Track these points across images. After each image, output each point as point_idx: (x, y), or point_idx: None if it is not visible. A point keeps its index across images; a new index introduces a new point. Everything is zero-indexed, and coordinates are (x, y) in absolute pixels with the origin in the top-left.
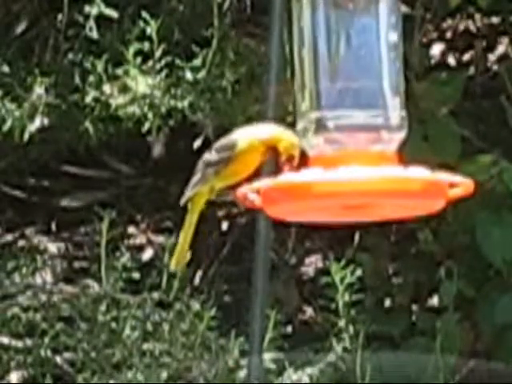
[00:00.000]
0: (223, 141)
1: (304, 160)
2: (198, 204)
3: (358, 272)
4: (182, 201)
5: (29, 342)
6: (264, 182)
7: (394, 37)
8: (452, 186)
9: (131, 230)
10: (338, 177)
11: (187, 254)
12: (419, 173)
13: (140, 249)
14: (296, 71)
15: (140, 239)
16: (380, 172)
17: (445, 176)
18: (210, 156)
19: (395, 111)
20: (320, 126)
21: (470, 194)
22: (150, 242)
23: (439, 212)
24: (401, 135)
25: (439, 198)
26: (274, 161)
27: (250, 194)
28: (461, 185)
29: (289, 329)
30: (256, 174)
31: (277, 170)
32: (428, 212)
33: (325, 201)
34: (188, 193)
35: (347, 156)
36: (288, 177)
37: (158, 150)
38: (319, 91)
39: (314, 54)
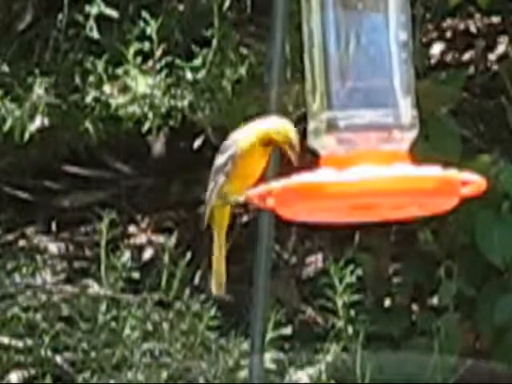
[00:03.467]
0: (225, 143)
1: (316, 160)
2: (222, 223)
3: (358, 272)
4: (205, 219)
5: (29, 341)
6: (276, 183)
7: (404, 36)
8: (464, 184)
9: (131, 229)
10: (350, 177)
11: (224, 276)
12: (431, 171)
13: (140, 249)
14: (306, 72)
15: (140, 239)
16: (392, 171)
17: (457, 174)
18: (217, 162)
19: (406, 110)
20: (331, 126)
21: (481, 192)
22: (150, 242)
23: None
24: (412, 134)
25: (452, 196)
26: (276, 162)
27: (262, 194)
28: (473, 183)
29: (289, 329)
30: (265, 174)
31: (285, 161)
32: (441, 211)
33: (337, 201)
34: (207, 207)
35: (359, 156)
36: (300, 177)
37: (157, 149)
38: (330, 91)
39: (324, 55)
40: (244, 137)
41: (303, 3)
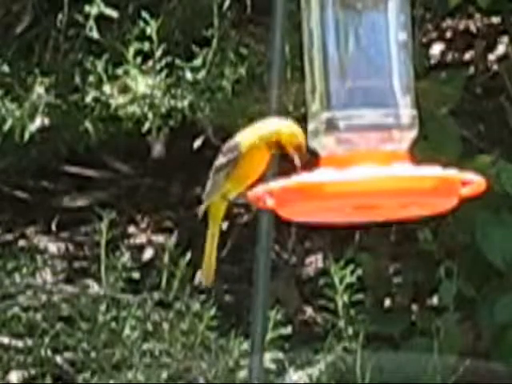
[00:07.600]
0: (228, 144)
1: (316, 160)
2: (217, 216)
3: (358, 272)
4: (200, 213)
5: (29, 341)
6: (276, 183)
7: (404, 36)
8: (464, 184)
9: (131, 229)
10: (350, 177)
11: (214, 267)
12: (431, 171)
13: (140, 249)
14: (306, 72)
15: (140, 239)
16: (392, 171)
17: (457, 174)
18: (218, 161)
19: (406, 110)
20: (331, 127)
21: (481, 192)
22: (150, 242)
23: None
24: (412, 134)
25: (452, 196)
26: (276, 162)
27: (262, 194)
28: (473, 183)
29: (289, 329)
30: (266, 175)
31: (288, 163)
32: (441, 210)
33: (337, 201)
34: (204, 203)
35: (359, 156)
36: (300, 177)
37: (157, 149)
38: (329, 91)
39: (323, 55)
40: (248, 138)
41: (303, 3)
